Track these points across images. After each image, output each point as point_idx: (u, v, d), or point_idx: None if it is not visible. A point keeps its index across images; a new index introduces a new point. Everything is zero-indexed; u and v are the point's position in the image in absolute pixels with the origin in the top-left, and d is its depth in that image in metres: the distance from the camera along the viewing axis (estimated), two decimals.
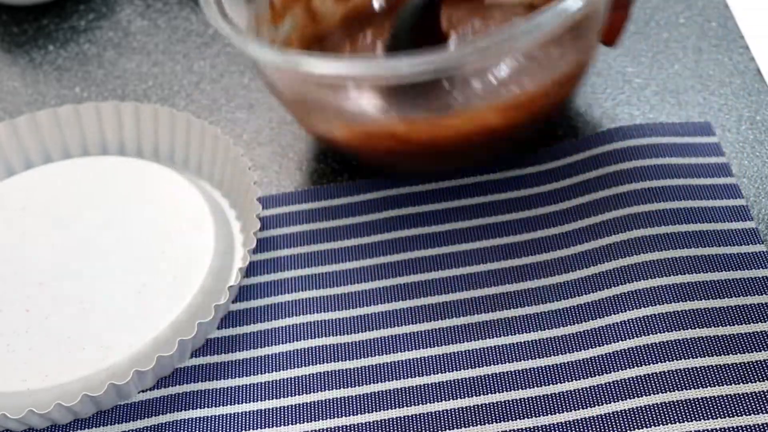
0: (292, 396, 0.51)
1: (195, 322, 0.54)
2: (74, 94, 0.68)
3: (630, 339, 0.50)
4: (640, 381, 0.49)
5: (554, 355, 0.51)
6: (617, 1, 0.58)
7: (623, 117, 0.61)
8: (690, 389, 0.48)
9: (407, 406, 0.50)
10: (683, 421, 0.47)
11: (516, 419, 0.49)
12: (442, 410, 0.49)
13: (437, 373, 0.51)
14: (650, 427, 0.47)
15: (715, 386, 0.48)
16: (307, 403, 0.51)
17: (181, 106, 0.67)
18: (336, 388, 0.51)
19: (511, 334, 0.52)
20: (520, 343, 0.52)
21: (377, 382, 0.51)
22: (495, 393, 0.50)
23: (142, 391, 0.53)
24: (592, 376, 0.49)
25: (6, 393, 0.51)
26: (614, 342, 0.50)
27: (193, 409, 0.52)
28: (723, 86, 0.62)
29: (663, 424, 0.47)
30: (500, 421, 0.49)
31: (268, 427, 0.50)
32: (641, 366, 0.49)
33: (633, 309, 0.51)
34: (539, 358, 0.51)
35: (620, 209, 0.55)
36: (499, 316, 0.53)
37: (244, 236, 0.58)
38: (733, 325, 0.50)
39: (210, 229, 0.57)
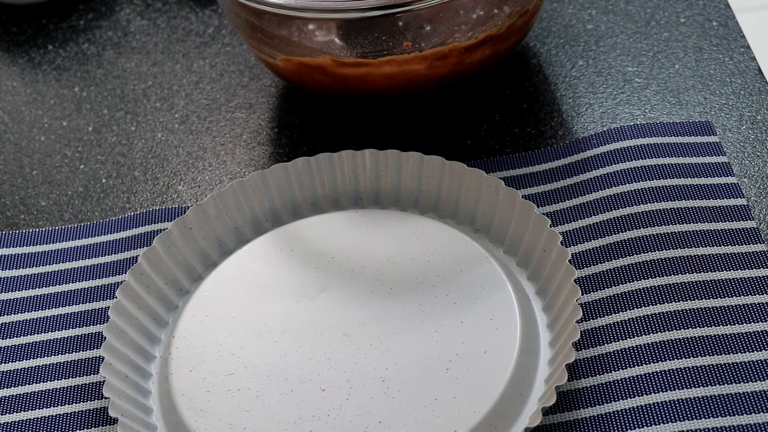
0: None
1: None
2: (73, 94, 0.68)
3: (629, 338, 0.50)
4: (640, 380, 0.49)
5: None
6: None
7: (624, 116, 0.61)
8: (690, 389, 0.48)
9: None
10: (683, 420, 0.47)
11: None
12: None
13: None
14: (650, 426, 0.47)
15: (715, 386, 0.48)
16: None
17: (181, 106, 0.66)
18: None
19: None
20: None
21: None
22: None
23: None
24: (592, 375, 0.49)
25: None
26: (613, 341, 0.50)
27: None
28: (724, 86, 0.62)
29: (663, 423, 0.47)
30: None
31: None
32: (640, 365, 0.49)
33: (633, 308, 0.51)
34: None
35: (620, 209, 0.55)
36: None
37: (552, 335, 0.51)
38: (733, 324, 0.50)
39: (515, 323, 0.50)
